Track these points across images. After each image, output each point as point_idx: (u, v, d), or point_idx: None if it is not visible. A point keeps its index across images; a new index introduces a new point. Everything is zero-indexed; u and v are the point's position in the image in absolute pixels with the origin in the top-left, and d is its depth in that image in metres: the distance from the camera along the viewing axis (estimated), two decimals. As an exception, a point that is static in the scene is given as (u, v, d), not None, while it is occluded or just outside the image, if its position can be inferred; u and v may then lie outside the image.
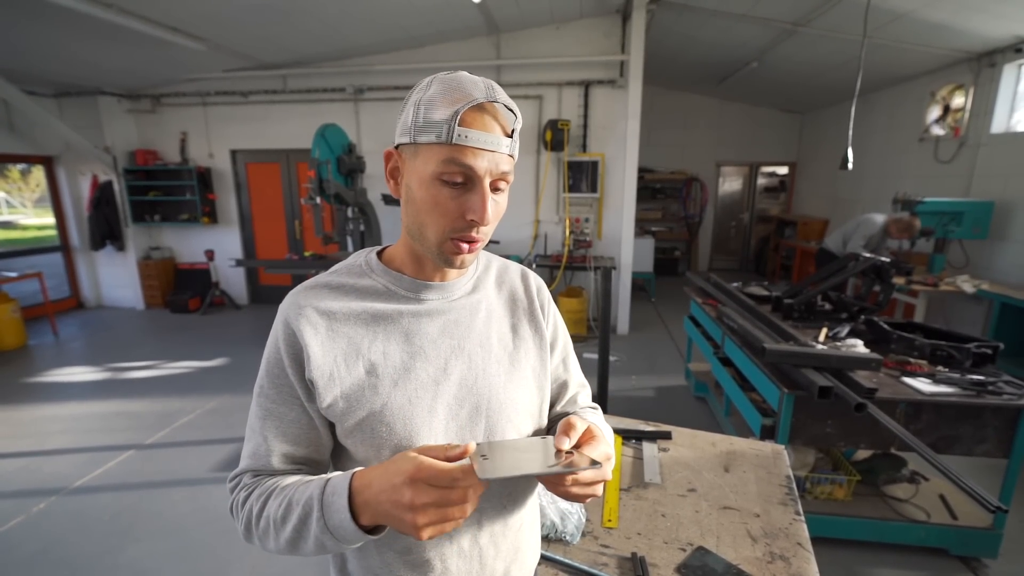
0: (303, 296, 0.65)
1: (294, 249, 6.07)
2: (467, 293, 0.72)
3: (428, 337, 0.67)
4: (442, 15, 4.43)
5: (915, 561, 2.03)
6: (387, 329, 0.66)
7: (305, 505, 0.57)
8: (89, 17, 3.52)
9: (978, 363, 2.12)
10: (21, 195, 8.04)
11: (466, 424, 0.67)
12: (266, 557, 2.11)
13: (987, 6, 3.43)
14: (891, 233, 3.94)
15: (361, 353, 0.64)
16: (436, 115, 0.57)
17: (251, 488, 0.65)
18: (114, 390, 3.85)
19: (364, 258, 0.71)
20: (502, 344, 0.72)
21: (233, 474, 0.69)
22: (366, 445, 0.64)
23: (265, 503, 0.62)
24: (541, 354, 0.76)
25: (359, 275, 0.69)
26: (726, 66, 6.11)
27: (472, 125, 0.57)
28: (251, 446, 0.66)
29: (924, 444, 1.51)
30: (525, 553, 0.79)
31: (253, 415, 0.67)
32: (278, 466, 0.65)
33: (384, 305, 0.67)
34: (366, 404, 0.63)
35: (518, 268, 0.81)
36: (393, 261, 0.70)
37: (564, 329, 0.84)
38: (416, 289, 0.68)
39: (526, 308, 0.77)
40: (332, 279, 0.68)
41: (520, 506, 0.76)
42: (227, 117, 5.79)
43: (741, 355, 2.42)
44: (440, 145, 0.58)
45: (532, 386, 0.74)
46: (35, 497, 2.52)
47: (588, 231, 5.27)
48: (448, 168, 0.58)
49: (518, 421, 0.71)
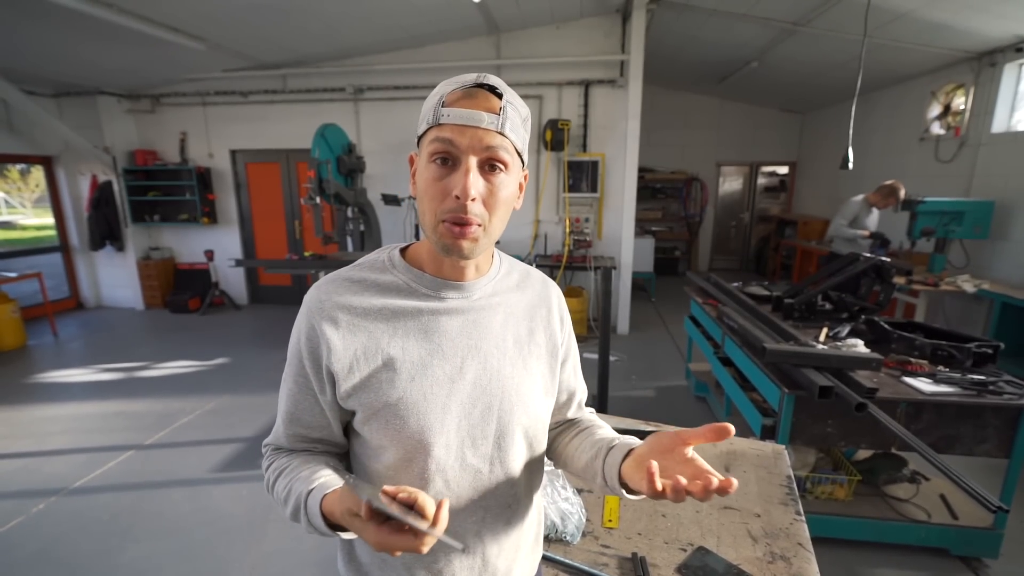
0: (325, 290, 0.68)
1: (294, 249, 6.07)
2: (487, 295, 0.72)
3: (447, 335, 0.68)
4: (442, 15, 4.42)
5: (916, 561, 2.03)
6: (407, 325, 0.67)
7: (297, 499, 0.63)
8: (89, 17, 3.52)
9: (979, 363, 2.12)
10: (20, 195, 8.05)
11: (478, 423, 0.69)
12: (266, 557, 2.11)
13: (987, 6, 3.42)
14: (874, 203, 3.95)
15: (380, 347, 0.66)
16: (429, 104, 0.63)
17: (271, 460, 0.73)
18: (114, 390, 3.84)
19: (387, 254, 0.73)
20: (517, 347, 0.73)
21: (265, 442, 0.77)
22: (380, 434, 0.66)
23: (276, 479, 0.69)
24: (552, 362, 0.78)
25: (381, 271, 0.70)
26: (726, 66, 6.10)
27: (454, 105, 0.61)
28: (277, 423, 0.74)
29: (925, 444, 1.50)
30: (527, 552, 0.80)
31: (280, 396, 0.73)
32: (294, 445, 0.72)
33: (404, 301, 0.68)
34: (383, 396, 0.65)
35: (540, 276, 0.82)
36: (415, 258, 0.71)
37: (575, 339, 0.86)
38: (437, 287, 0.69)
39: (544, 316, 0.78)
40: (355, 273, 0.70)
41: (523, 505, 0.76)
42: (227, 117, 5.78)
43: (741, 355, 2.42)
44: (429, 129, 0.62)
45: (541, 391, 0.75)
46: (35, 497, 2.52)
47: (588, 231, 5.27)
48: (433, 147, 0.61)
49: (527, 423, 0.73)
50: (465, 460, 0.69)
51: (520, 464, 0.74)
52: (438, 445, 0.66)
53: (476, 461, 0.69)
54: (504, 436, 0.70)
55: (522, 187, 0.70)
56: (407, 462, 0.66)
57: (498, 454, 0.71)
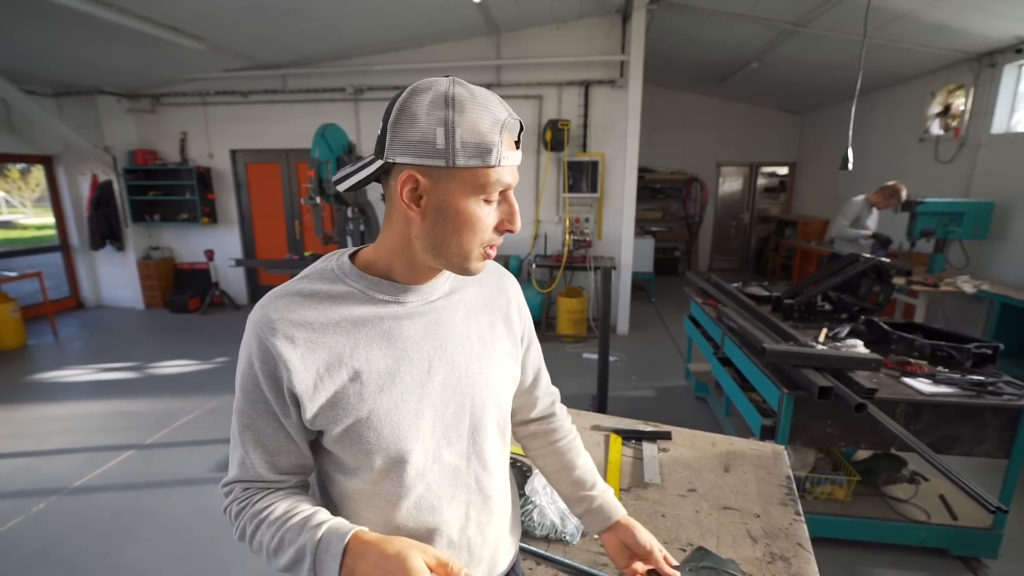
0: (274, 308, 0.62)
1: (294, 249, 6.07)
2: (445, 294, 0.72)
3: (411, 340, 0.67)
4: (442, 15, 4.42)
5: (915, 561, 2.03)
6: (368, 334, 0.64)
7: (299, 551, 0.59)
8: (89, 17, 3.52)
9: (978, 363, 2.12)
10: (21, 195, 8.05)
11: (451, 423, 0.69)
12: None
13: (987, 6, 3.42)
14: (876, 203, 3.96)
15: (343, 361, 0.62)
16: (481, 138, 0.58)
17: (243, 503, 0.67)
18: (114, 390, 3.84)
19: (336, 262, 0.68)
20: (481, 342, 0.74)
21: (224, 481, 0.69)
22: (354, 451, 0.64)
23: (257, 528, 0.63)
24: (514, 352, 0.80)
25: (332, 280, 0.66)
26: (726, 66, 6.11)
27: (508, 146, 0.61)
28: (236, 457, 0.67)
29: (924, 444, 1.50)
30: (508, 538, 0.83)
31: (233, 428, 0.66)
32: (265, 475, 0.66)
33: (363, 309, 0.65)
34: (352, 411, 0.62)
35: (495, 266, 0.82)
36: (373, 266, 0.67)
37: (532, 325, 0.88)
38: (395, 292, 0.67)
39: (503, 308, 0.79)
40: (304, 286, 0.65)
41: (500, 491, 0.78)
42: (227, 117, 5.78)
43: (741, 355, 2.42)
44: (486, 169, 0.59)
45: (508, 381, 0.78)
46: (35, 497, 2.52)
47: (588, 231, 5.27)
48: (494, 188, 0.61)
49: (497, 416, 0.75)
50: (443, 460, 0.69)
51: (494, 454, 0.76)
52: (415, 452, 0.66)
53: (454, 459, 0.70)
54: (478, 431, 0.72)
55: None
56: (385, 473, 0.66)
57: (473, 448, 0.72)
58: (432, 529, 0.69)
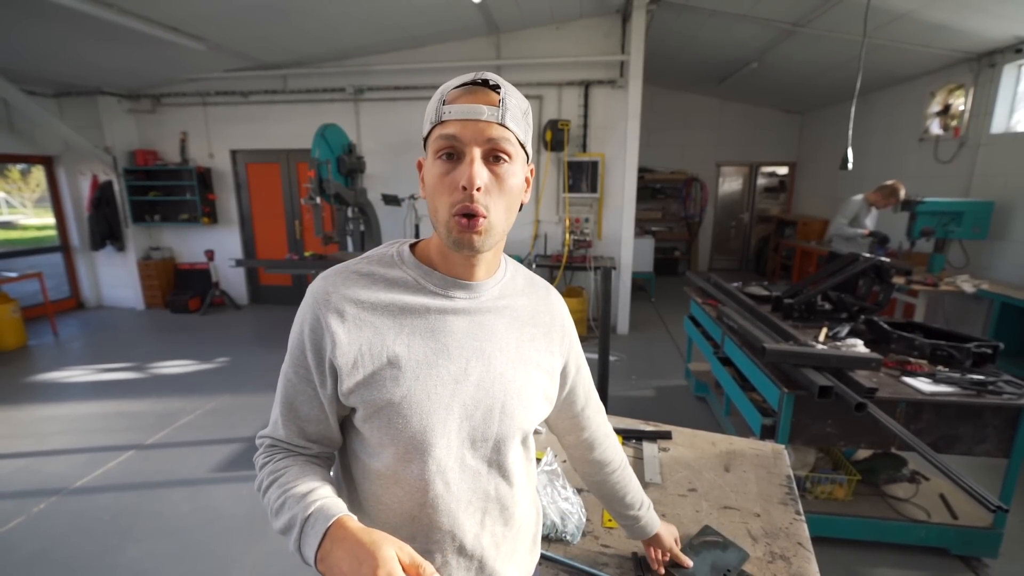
0: (332, 282, 0.67)
1: (294, 249, 6.07)
2: (494, 297, 0.72)
3: (453, 335, 0.68)
4: (442, 15, 4.43)
5: (915, 561, 2.03)
6: (413, 323, 0.66)
7: (291, 519, 0.60)
8: (89, 17, 3.52)
9: (978, 363, 2.12)
10: (21, 195, 8.04)
11: (479, 426, 0.69)
12: (266, 557, 2.11)
13: (987, 6, 3.43)
14: (874, 202, 3.96)
15: (386, 344, 0.65)
16: (431, 106, 0.64)
17: (268, 458, 0.70)
18: (114, 390, 3.84)
19: (396, 249, 0.72)
20: (519, 352, 0.73)
21: (260, 433, 0.74)
22: (381, 433, 0.65)
23: (270, 485, 0.66)
24: (551, 369, 0.78)
25: (390, 265, 0.69)
26: (726, 66, 6.11)
27: (455, 102, 0.62)
28: (273, 415, 0.71)
29: (924, 444, 1.51)
30: (524, 554, 0.80)
31: (278, 387, 0.70)
32: (292, 440, 0.69)
33: (412, 298, 0.67)
34: (386, 394, 0.64)
35: (544, 283, 0.83)
36: (424, 255, 0.71)
37: (580, 347, 0.87)
38: (445, 285, 0.69)
39: (547, 323, 0.78)
40: (363, 267, 0.69)
41: (521, 507, 0.76)
42: (227, 117, 5.78)
43: (741, 355, 2.42)
44: (433, 128, 0.63)
45: (541, 397, 0.76)
46: (35, 497, 2.52)
47: (588, 231, 5.27)
48: (438, 144, 0.62)
49: (526, 428, 0.73)
50: (465, 462, 0.69)
51: (518, 467, 0.74)
52: (439, 446, 0.66)
53: (475, 463, 0.69)
54: (503, 440, 0.70)
55: (528, 181, 0.70)
56: (407, 462, 0.66)
57: (496, 457, 0.71)
58: (446, 531, 0.69)
